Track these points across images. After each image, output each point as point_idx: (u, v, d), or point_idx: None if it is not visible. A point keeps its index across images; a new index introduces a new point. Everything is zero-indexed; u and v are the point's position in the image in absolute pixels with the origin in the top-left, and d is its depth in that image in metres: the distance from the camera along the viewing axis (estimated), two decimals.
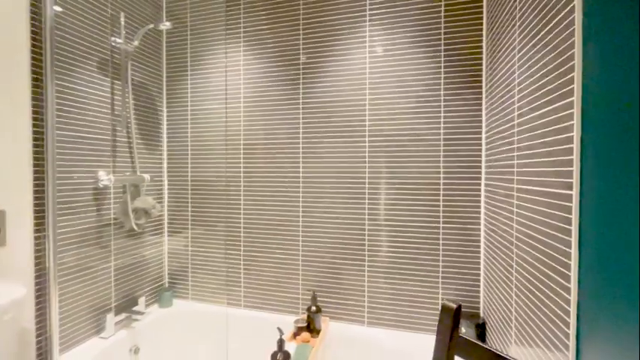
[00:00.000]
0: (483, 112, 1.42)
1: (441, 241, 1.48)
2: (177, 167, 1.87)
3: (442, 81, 1.48)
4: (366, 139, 1.57)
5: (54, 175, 1.28)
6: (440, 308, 0.82)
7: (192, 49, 1.84)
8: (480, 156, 1.43)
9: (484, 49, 1.41)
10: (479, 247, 1.44)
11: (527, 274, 0.90)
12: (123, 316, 1.54)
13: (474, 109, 1.44)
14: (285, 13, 1.67)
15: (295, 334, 1.44)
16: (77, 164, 1.39)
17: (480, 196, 1.44)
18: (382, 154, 1.55)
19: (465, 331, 1.38)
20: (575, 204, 0.65)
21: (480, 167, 1.44)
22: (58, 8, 1.32)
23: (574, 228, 0.65)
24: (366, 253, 1.57)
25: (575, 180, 0.65)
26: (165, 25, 1.65)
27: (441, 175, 1.48)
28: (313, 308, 1.49)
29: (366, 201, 1.57)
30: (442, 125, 1.48)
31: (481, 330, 1.36)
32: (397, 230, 1.53)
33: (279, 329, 1.13)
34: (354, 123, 1.58)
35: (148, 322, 1.62)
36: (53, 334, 1.25)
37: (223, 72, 1.79)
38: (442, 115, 1.48)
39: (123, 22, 1.59)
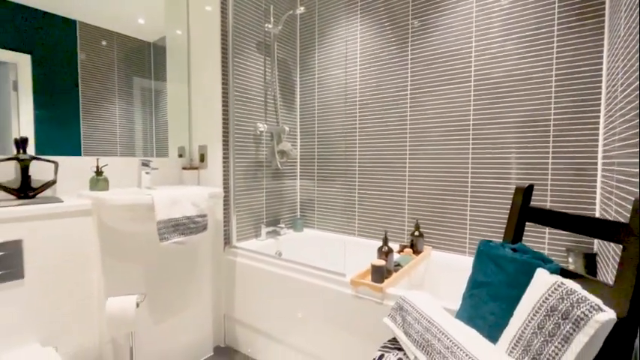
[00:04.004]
0: (605, 42, 1.36)
1: (549, 177, 1.49)
2: (307, 121, 2.35)
3: (556, 16, 1.47)
4: (472, 83, 1.68)
5: (232, 123, 1.88)
6: (514, 190, 0.97)
7: (318, 27, 2.27)
8: (599, 87, 1.38)
9: None
10: (594, 183, 1.40)
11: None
12: (271, 229, 2.10)
13: (593, 39, 1.39)
14: None
15: (399, 251, 1.71)
16: (244, 117, 1.98)
17: (597, 129, 1.39)
18: (487, 95, 1.64)
19: (573, 260, 1.39)
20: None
21: (599, 100, 1.39)
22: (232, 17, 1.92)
23: None
24: (469, 187, 1.70)
25: None
26: (300, 10, 2.11)
27: (552, 111, 1.48)
28: (416, 233, 1.73)
29: (470, 140, 1.69)
30: (555, 61, 1.48)
31: (589, 261, 1.35)
32: (501, 166, 1.61)
33: (384, 231, 1.42)
34: (459, 70, 1.71)
35: (287, 239, 2.15)
36: (232, 227, 1.87)
37: (344, 43, 2.15)
38: (555, 50, 1.47)
39: (272, 12, 2.12)
